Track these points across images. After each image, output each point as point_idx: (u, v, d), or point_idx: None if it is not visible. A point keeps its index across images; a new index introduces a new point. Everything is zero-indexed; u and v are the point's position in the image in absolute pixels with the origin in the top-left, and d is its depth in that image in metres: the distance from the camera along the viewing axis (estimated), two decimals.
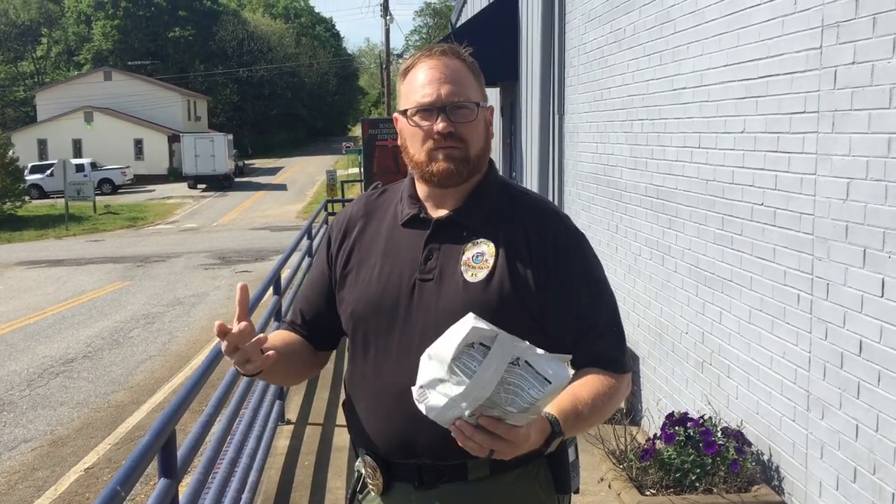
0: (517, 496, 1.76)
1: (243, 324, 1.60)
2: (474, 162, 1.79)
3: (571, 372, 1.58)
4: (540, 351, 1.47)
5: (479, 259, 1.76)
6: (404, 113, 1.79)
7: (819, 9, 3.26)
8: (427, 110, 1.74)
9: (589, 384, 1.71)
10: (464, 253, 1.77)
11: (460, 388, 1.45)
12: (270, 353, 1.61)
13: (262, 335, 1.64)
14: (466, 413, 1.46)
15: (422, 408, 1.49)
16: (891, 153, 2.84)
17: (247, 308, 1.64)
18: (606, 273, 1.87)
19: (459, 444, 1.49)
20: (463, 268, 1.75)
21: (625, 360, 1.78)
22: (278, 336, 1.94)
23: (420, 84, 1.76)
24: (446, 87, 1.74)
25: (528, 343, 1.47)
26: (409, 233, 1.82)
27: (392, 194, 1.92)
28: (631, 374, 1.81)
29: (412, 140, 1.78)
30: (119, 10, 64.07)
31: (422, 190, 1.85)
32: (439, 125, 1.73)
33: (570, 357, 1.55)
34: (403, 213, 1.85)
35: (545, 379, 1.44)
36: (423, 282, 1.76)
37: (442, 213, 1.82)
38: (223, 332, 1.58)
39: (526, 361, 1.44)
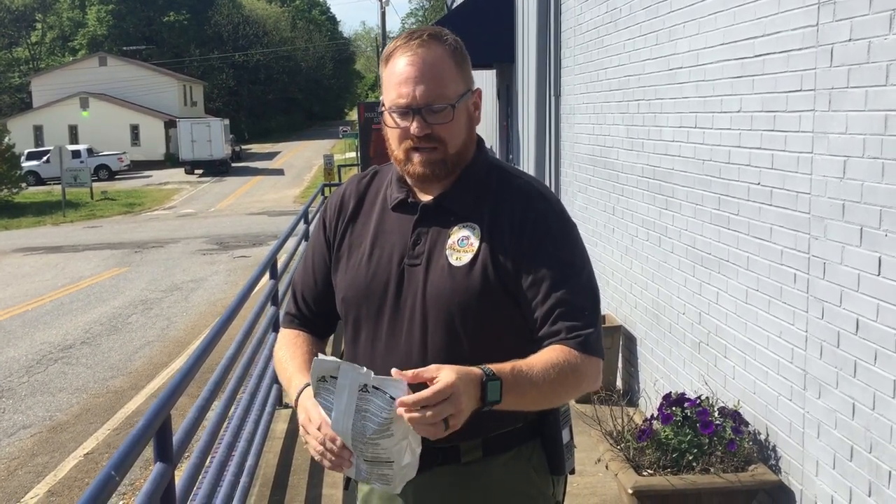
0: (511, 478, 1.76)
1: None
2: (453, 160, 1.75)
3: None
4: (384, 376, 1.48)
5: (464, 243, 1.74)
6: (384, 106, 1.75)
7: None
8: (403, 112, 1.71)
9: (543, 353, 1.64)
10: (450, 237, 1.75)
11: (331, 423, 1.54)
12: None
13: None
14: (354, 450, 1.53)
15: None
16: (888, 131, 2.82)
17: None
18: (603, 254, 1.85)
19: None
20: (448, 252, 1.73)
21: (592, 341, 1.66)
22: (296, 349, 1.87)
23: (396, 82, 1.70)
24: (421, 88, 1.68)
25: (365, 369, 1.48)
26: (399, 217, 1.81)
27: (383, 176, 1.90)
28: (600, 362, 1.69)
29: (391, 136, 1.76)
30: None
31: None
32: (415, 128, 1.70)
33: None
34: (392, 196, 1.83)
35: (391, 398, 1.46)
36: (412, 266, 1.75)
37: (429, 197, 1.80)
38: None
39: (374, 387, 1.47)
